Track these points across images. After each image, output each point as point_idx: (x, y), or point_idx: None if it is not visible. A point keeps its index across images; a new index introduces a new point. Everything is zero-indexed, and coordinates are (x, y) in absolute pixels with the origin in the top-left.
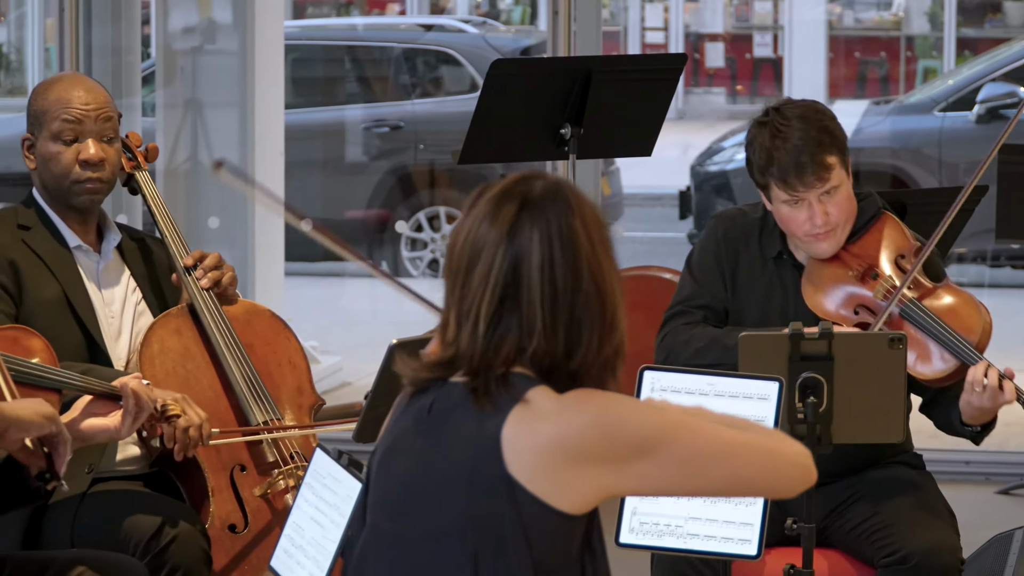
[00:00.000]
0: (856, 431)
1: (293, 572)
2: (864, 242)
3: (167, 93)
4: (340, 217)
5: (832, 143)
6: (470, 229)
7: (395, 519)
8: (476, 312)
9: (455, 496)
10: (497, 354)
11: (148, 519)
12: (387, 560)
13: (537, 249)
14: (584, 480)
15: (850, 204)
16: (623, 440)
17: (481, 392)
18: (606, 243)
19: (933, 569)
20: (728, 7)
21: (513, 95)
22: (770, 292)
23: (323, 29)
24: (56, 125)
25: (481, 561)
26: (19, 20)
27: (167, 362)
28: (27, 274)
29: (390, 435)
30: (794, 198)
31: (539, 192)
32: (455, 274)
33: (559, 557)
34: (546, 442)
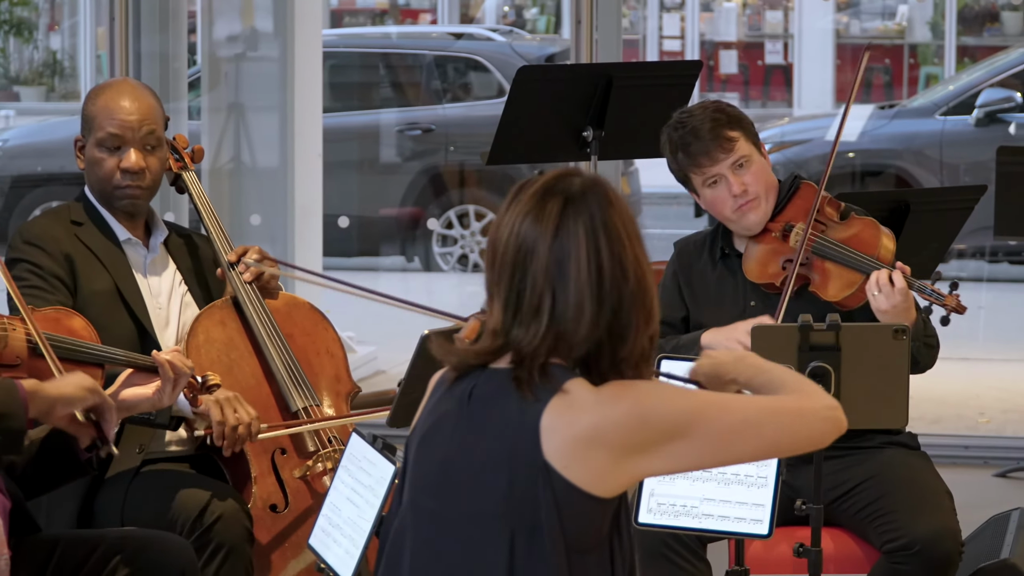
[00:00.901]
0: (862, 417)
1: (330, 550)
2: (786, 211)
3: (212, 97)
4: (375, 215)
5: (729, 120)
6: (514, 224)
7: (435, 498)
8: (529, 305)
9: (494, 479)
10: (544, 344)
11: (194, 499)
12: (426, 536)
13: (584, 243)
14: (618, 467)
15: (766, 175)
16: (657, 427)
17: (524, 381)
18: (639, 236)
19: (936, 555)
20: (741, 17)
21: (538, 100)
22: (722, 283)
23: (359, 37)
24: (101, 133)
25: (517, 541)
26: (72, 28)
27: (212, 351)
28: (80, 267)
29: (431, 417)
30: (710, 177)
31: (579, 188)
32: (501, 268)
33: (590, 538)
34: (583, 432)
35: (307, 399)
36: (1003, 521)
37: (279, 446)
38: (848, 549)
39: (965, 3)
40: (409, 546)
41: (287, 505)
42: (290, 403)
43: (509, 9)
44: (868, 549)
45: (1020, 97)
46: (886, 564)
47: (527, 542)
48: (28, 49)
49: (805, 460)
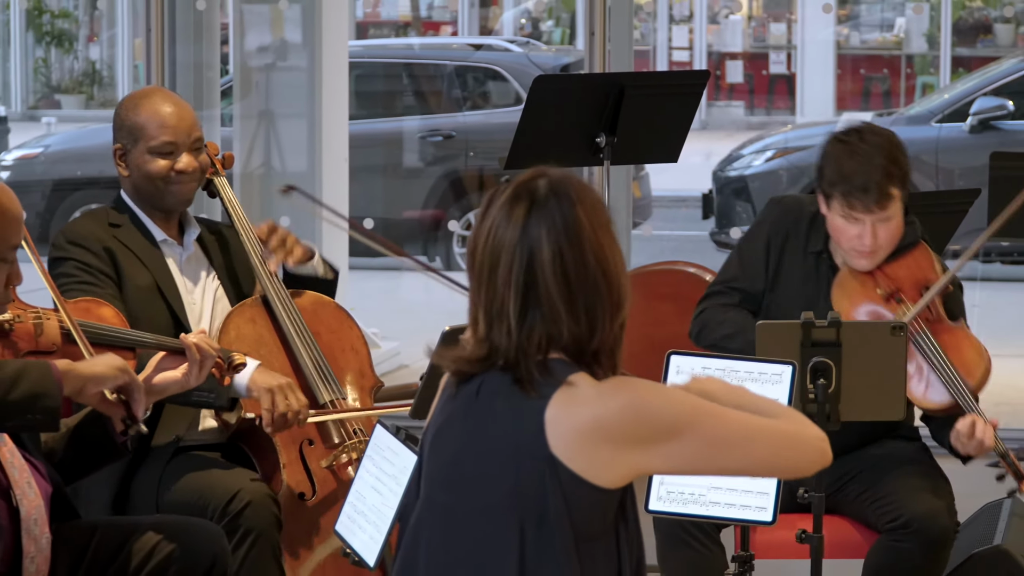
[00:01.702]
0: (862, 410)
1: (355, 536)
2: (897, 266)
3: (243, 105)
4: (398, 217)
5: (899, 177)
6: (488, 231)
7: (447, 493)
8: (504, 310)
9: (503, 472)
10: (529, 345)
11: (224, 486)
12: (440, 529)
13: (547, 245)
14: (617, 459)
15: (898, 233)
16: (653, 424)
17: (525, 380)
18: (606, 225)
19: (931, 532)
20: (746, 29)
21: (554, 107)
22: (805, 283)
23: (383, 48)
24: (155, 141)
25: (527, 531)
26: (110, 40)
27: (243, 347)
28: (123, 263)
29: (441, 416)
30: (853, 217)
31: (544, 190)
32: (479, 275)
33: (596, 525)
34: (584, 424)
35: (334, 393)
36: (996, 509)
37: (307, 437)
38: (848, 535)
39: (960, 16)
40: (425, 539)
41: (314, 493)
42: (318, 397)
43: (526, 21)
44: (867, 534)
45: (1012, 105)
46: (885, 542)
47: (536, 532)
48: (68, 59)
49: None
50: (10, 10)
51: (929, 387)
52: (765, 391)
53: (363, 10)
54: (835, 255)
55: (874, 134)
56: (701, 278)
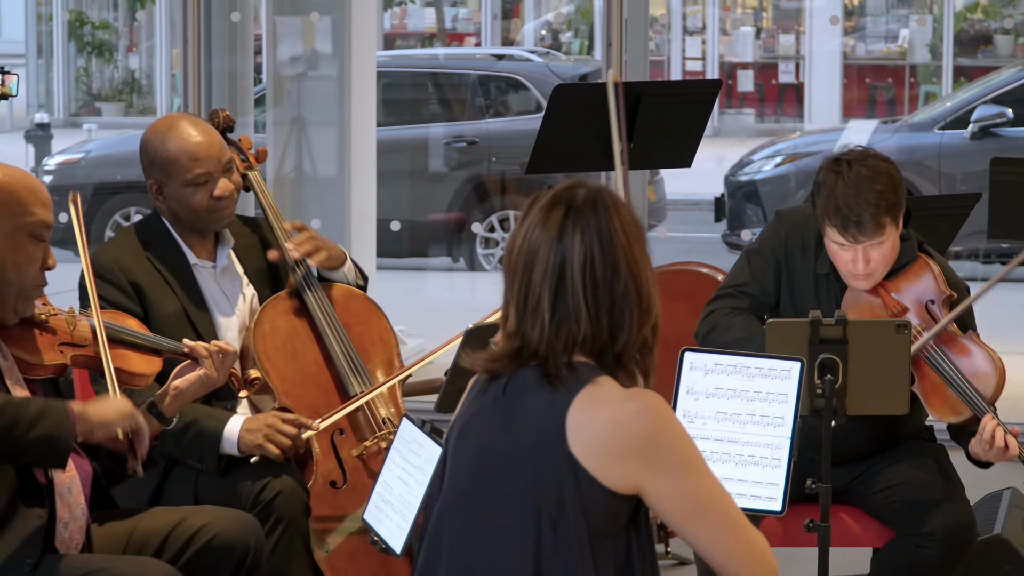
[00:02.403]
0: (867, 404)
1: (382, 524)
2: (900, 281)
3: (276, 113)
4: (424, 219)
5: (890, 207)
6: (525, 234)
7: (471, 483)
8: (539, 306)
9: (524, 466)
10: (558, 341)
11: (257, 476)
12: (462, 518)
13: (579, 248)
14: (622, 466)
15: (892, 255)
16: (660, 440)
17: (554, 376)
18: (640, 238)
19: (956, 543)
20: (757, 40)
21: (572, 115)
22: (817, 293)
23: (410, 58)
24: (190, 175)
25: (543, 523)
26: (149, 50)
27: (277, 339)
28: (149, 292)
29: (467, 413)
30: (846, 244)
31: (581, 198)
32: (514, 274)
33: (610, 526)
34: (602, 427)
35: (363, 383)
36: (995, 500)
37: (338, 428)
38: (856, 525)
39: (961, 27)
40: (448, 527)
41: (345, 482)
42: (348, 386)
43: (546, 33)
44: (875, 525)
45: (1011, 113)
46: (907, 545)
47: (552, 525)
48: (109, 69)
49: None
50: (53, 22)
51: (947, 404)
52: (775, 386)
53: (391, 22)
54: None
55: (865, 165)
56: (713, 278)
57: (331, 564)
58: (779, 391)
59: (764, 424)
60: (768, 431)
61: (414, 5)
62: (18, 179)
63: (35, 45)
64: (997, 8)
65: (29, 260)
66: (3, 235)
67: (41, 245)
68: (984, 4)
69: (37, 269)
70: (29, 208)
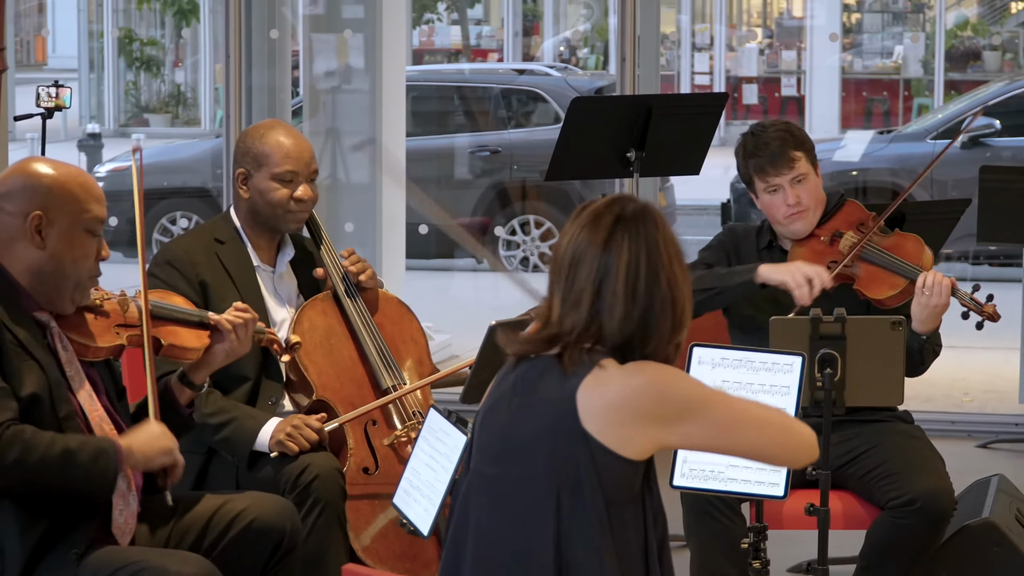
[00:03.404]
0: (864, 396)
1: (411, 507)
2: (832, 221)
3: (312, 124)
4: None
5: (795, 141)
6: (574, 235)
7: (495, 464)
8: (578, 301)
9: (542, 445)
10: (587, 333)
11: (296, 461)
12: (487, 497)
13: (626, 253)
14: (641, 433)
15: (817, 192)
16: (672, 401)
17: (567, 360)
18: (681, 259)
19: (933, 511)
20: (761, 56)
21: (589, 126)
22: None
23: (437, 73)
24: (279, 169)
25: (563, 497)
26: (194, 65)
27: (315, 337)
28: (214, 290)
29: (491, 398)
30: (771, 186)
31: (631, 210)
32: (559, 269)
33: (624, 493)
34: (612, 401)
35: (395, 378)
36: (984, 485)
37: (371, 418)
38: (853, 508)
39: (952, 44)
40: (474, 506)
41: (377, 468)
42: (380, 381)
43: (564, 49)
44: (870, 508)
45: (999, 124)
46: (888, 518)
47: (571, 497)
48: (156, 82)
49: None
50: (104, 38)
51: (886, 283)
52: (777, 380)
53: (419, 39)
54: (782, 243)
55: (769, 122)
56: None
57: (364, 545)
58: (782, 384)
59: None
60: None
61: (441, 23)
62: (73, 177)
63: (87, 60)
64: (986, 26)
65: (85, 254)
66: (61, 231)
67: (96, 239)
68: (974, 22)
69: (92, 262)
70: (85, 205)
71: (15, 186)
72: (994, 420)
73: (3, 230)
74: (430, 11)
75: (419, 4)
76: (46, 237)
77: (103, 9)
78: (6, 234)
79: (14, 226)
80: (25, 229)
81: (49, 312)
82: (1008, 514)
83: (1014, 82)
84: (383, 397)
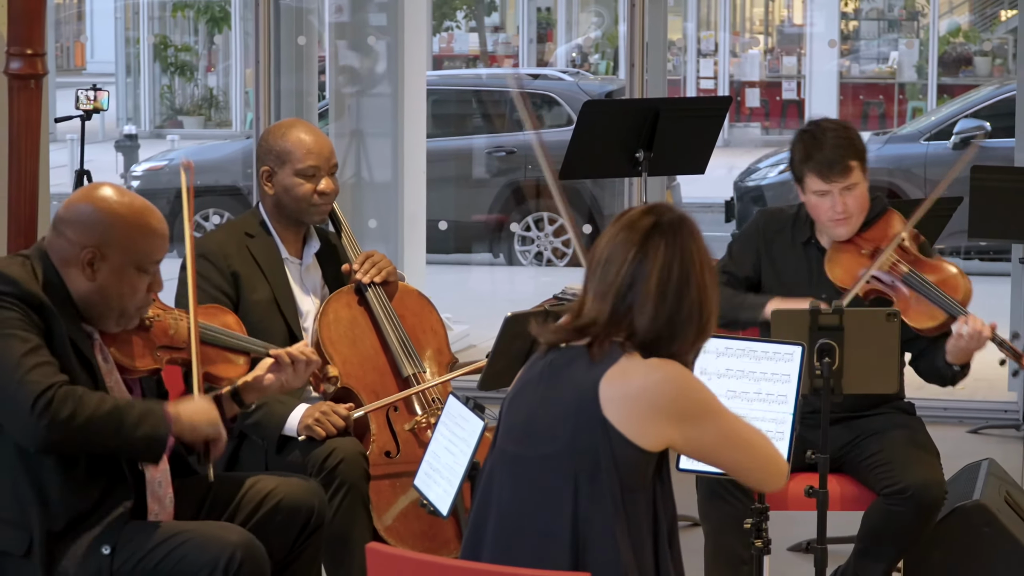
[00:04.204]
0: (860, 384)
1: (431, 489)
2: (873, 231)
3: (337, 126)
4: (468, 220)
5: (856, 152)
6: (612, 235)
7: (519, 444)
8: (606, 294)
9: (563, 429)
10: (617, 326)
11: (322, 445)
12: (510, 476)
13: (662, 255)
14: (654, 426)
15: (864, 200)
16: (687, 402)
17: (595, 349)
18: (712, 268)
19: (924, 499)
20: (763, 61)
21: (600, 128)
22: (799, 267)
23: (456, 78)
24: (301, 165)
25: (580, 481)
26: (225, 70)
27: (340, 327)
28: (245, 280)
29: (520, 382)
30: (823, 190)
31: (669, 218)
32: (596, 267)
33: (638, 480)
34: (631, 392)
35: (415, 367)
36: (975, 469)
37: (393, 405)
38: (850, 491)
39: (944, 50)
40: (497, 483)
41: (399, 452)
42: (402, 370)
43: (576, 55)
44: (866, 491)
45: (989, 126)
46: (882, 505)
47: (589, 481)
48: (190, 86)
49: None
50: (140, 45)
51: (926, 313)
52: (779, 368)
53: (439, 45)
54: (820, 239)
55: (829, 123)
56: None
57: (386, 524)
58: (782, 372)
59: (769, 401)
60: (773, 408)
61: (460, 30)
62: (135, 214)
63: (124, 65)
64: (977, 33)
65: (134, 291)
66: (113, 268)
67: (147, 276)
68: (965, 29)
69: (142, 296)
70: (142, 246)
71: (80, 214)
72: (984, 407)
73: (61, 252)
74: (449, 19)
75: (439, 12)
76: (96, 271)
77: (139, 17)
78: (63, 256)
79: (70, 252)
80: (79, 259)
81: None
82: (998, 496)
83: (1003, 86)
84: (404, 384)
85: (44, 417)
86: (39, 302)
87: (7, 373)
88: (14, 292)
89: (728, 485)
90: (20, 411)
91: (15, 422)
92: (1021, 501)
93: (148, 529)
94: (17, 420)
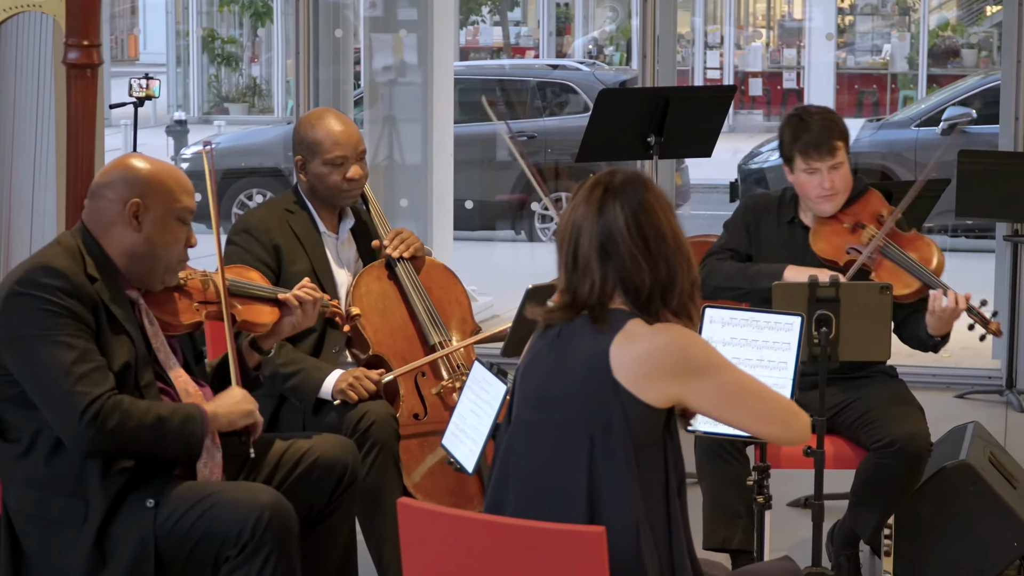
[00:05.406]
0: (855, 352)
1: (457, 448)
2: (855, 208)
3: (371, 112)
4: (492, 199)
5: (839, 133)
6: (572, 211)
7: (535, 411)
8: (587, 266)
9: (577, 394)
10: (604, 292)
11: (356, 408)
12: (527, 441)
13: (621, 215)
14: (662, 385)
15: (848, 179)
16: (690, 360)
17: (599, 319)
18: (671, 209)
19: (911, 451)
20: (765, 53)
21: (614, 114)
22: (785, 245)
23: (481, 68)
24: (330, 155)
25: (595, 440)
26: (268, 60)
27: (371, 299)
28: (286, 252)
29: (529, 355)
30: (811, 168)
31: (618, 180)
32: (563, 243)
33: (649, 436)
34: (639, 355)
35: (441, 335)
36: (961, 431)
37: (421, 370)
38: (844, 451)
39: (934, 42)
40: (516, 449)
41: (426, 414)
42: (428, 338)
43: (593, 47)
44: (858, 451)
45: (975, 113)
46: (872, 460)
47: (603, 439)
48: (235, 76)
49: (812, 384)
50: (189, 37)
51: (902, 281)
52: (779, 337)
53: (465, 38)
54: (804, 218)
55: (815, 108)
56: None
57: (415, 482)
58: (783, 341)
59: (771, 368)
60: (774, 374)
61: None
62: (166, 171)
63: (174, 56)
64: (964, 27)
65: (175, 239)
66: (156, 218)
67: (185, 227)
68: (953, 23)
69: (182, 247)
70: (177, 196)
71: (116, 177)
72: (970, 374)
73: (103, 215)
74: (475, 13)
75: (466, 7)
76: (142, 222)
77: (189, 11)
78: (106, 218)
79: (114, 212)
80: (123, 215)
81: (138, 290)
82: (983, 456)
83: (989, 76)
84: (431, 352)
85: (91, 428)
86: (87, 292)
87: (57, 383)
88: (63, 287)
89: (725, 444)
90: (69, 420)
91: (65, 430)
92: (1004, 461)
93: (188, 488)
94: (67, 428)
